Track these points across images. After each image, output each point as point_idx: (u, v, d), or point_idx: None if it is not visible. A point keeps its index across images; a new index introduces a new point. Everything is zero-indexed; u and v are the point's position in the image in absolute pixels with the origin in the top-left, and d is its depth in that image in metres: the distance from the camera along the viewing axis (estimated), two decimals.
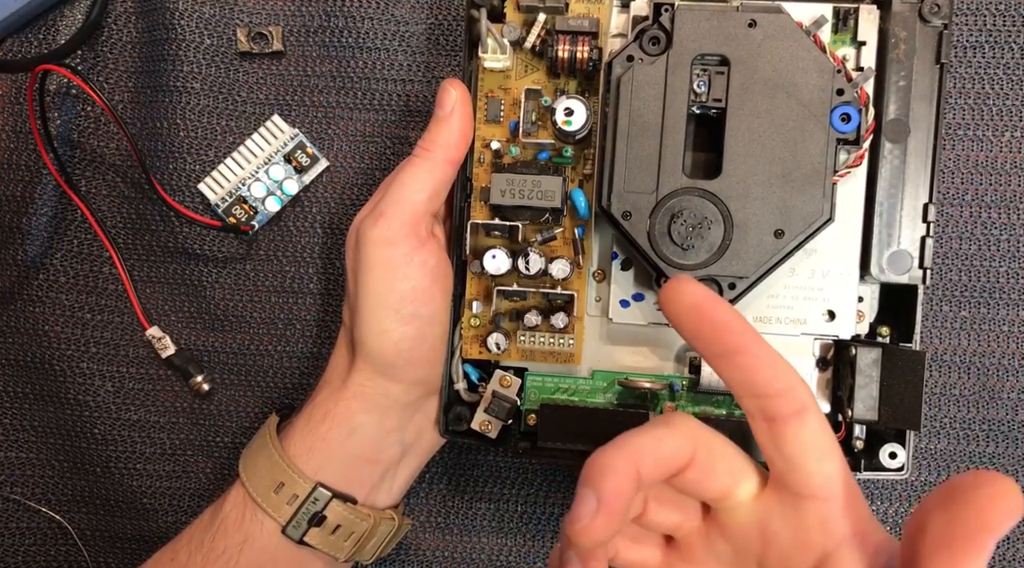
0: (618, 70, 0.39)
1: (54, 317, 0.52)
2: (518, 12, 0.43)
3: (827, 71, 0.38)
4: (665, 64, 0.39)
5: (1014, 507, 0.27)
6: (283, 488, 0.42)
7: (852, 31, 0.42)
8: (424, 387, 0.44)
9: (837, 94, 0.38)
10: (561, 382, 0.44)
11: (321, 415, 0.43)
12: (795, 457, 0.31)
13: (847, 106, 0.38)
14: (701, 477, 0.32)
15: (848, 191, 0.42)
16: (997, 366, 0.48)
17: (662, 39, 0.39)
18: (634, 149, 0.39)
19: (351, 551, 0.43)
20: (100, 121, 0.51)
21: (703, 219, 0.39)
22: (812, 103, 0.38)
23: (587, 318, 0.44)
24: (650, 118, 0.39)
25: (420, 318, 0.42)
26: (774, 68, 0.38)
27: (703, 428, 0.33)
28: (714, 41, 0.39)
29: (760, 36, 0.38)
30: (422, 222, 0.42)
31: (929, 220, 0.41)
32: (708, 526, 0.35)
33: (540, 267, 0.42)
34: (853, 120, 0.38)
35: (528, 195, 0.41)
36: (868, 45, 0.42)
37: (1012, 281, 0.48)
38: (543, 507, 0.50)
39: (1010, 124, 0.48)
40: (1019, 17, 0.47)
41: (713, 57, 0.39)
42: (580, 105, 0.41)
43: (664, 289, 0.32)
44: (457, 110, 0.42)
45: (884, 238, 0.42)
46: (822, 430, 0.32)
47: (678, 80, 0.39)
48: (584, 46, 0.41)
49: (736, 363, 0.31)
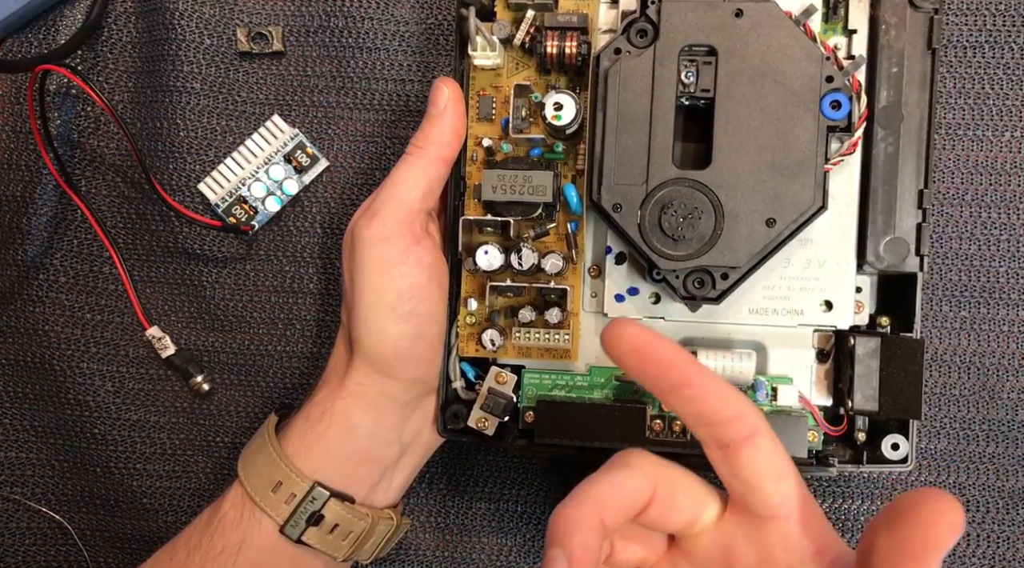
0: (606, 63, 0.39)
1: (54, 317, 0.52)
2: (507, 10, 0.43)
3: (815, 58, 0.38)
4: (652, 56, 0.39)
5: (956, 523, 0.28)
6: (281, 487, 0.42)
7: (843, 20, 0.42)
8: (422, 385, 0.44)
9: (826, 81, 0.38)
10: (558, 378, 0.44)
11: (319, 414, 0.43)
12: (751, 480, 0.32)
13: (837, 93, 0.38)
14: (664, 512, 0.33)
15: (843, 180, 0.42)
16: (997, 366, 0.48)
17: (649, 31, 0.39)
18: (623, 141, 0.39)
19: (349, 550, 0.43)
20: (100, 121, 0.51)
21: (693, 209, 0.39)
22: (801, 91, 0.38)
23: (583, 314, 0.44)
24: (639, 110, 0.39)
25: (417, 316, 0.42)
26: (762, 57, 0.38)
27: (661, 464, 0.34)
28: (701, 31, 0.38)
29: (747, 25, 0.38)
30: (417, 220, 0.42)
31: (924, 206, 0.41)
32: (673, 554, 0.35)
33: (533, 262, 0.42)
34: (844, 107, 0.38)
35: (519, 190, 0.41)
36: (859, 33, 0.41)
37: (1012, 281, 0.48)
38: (542, 507, 0.50)
39: (1010, 124, 0.48)
40: (1019, 17, 0.47)
41: (700, 48, 0.39)
42: (569, 99, 0.41)
43: (605, 333, 0.32)
44: (450, 108, 0.42)
45: (880, 226, 0.41)
46: (775, 451, 0.32)
47: (666, 71, 0.39)
48: (572, 41, 0.41)
49: (684, 396, 0.32)
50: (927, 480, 0.49)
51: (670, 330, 0.43)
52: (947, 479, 0.48)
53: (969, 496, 0.48)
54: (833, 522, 0.49)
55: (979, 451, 0.48)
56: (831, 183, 0.41)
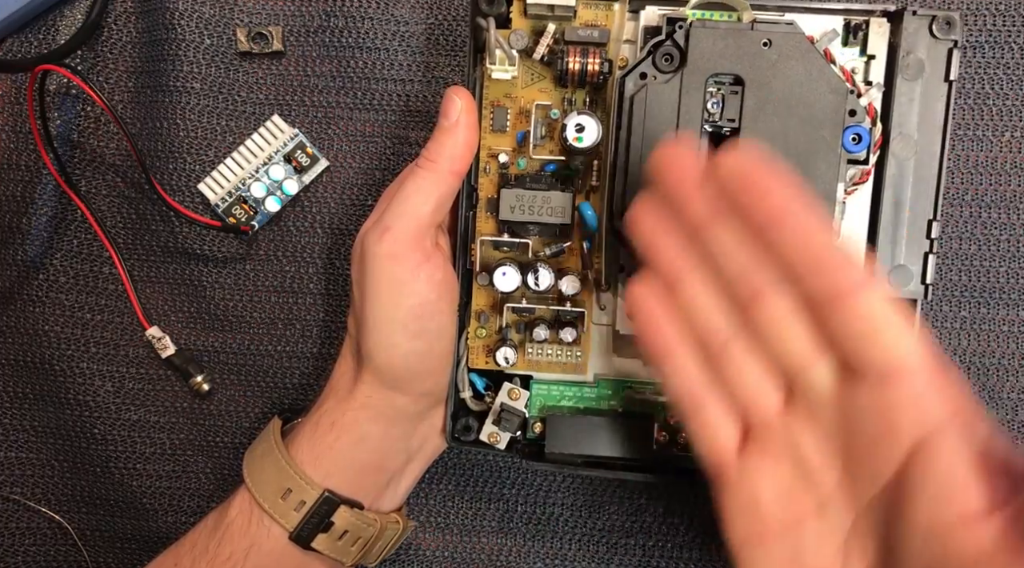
0: (631, 87, 0.39)
1: (54, 317, 0.52)
2: (524, 18, 0.42)
3: (841, 92, 0.38)
4: (679, 83, 0.38)
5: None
6: (290, 495, 0.41)
7: (862, 44, 0.41)
8: (430, 398, 0.44)
9: (849, 115, 0.38)
10: (566, 390, 0.44)
11: (328, 424, 0.43)
12: (869, 331, 0.28)
13: (858, 127, 0.38)
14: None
15: (853, 205, 0.42)
16: (997, 366, 0.48)
17: (675, 56, 0.38)
18: (646, 168, 0.39)
19: (357, 555, 0.43)
20: (100, 121, 0.51)
21: None
22: (825, 124, 0.38)
23: (592, 327, 0.44)
24: (662, 137, 0.38)
25: (428, 332, 0.42)
26: (788, 88, 0.38)
27: None
28: (729, 60, 0.38)
29: (775, 56, 0.38)
30: (427, 235, 0.41)
31: (933, 237, 0.41)
32: (788, 415, 0.32)
33: (549, 283, 0.42)
34: (864, 141, 0.38)
35: (538, 211, 0.41)
36: (877, 58, 0.41)
37: (1012, 281, 0.48)
38: (544, 507, 0.50)
39: (1010, 124, 0.48)
40: (1019, 17, 0.47)
41: (727, 76, 0.38)
42: (592, 121, 0.40)
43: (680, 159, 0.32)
44: (462, 120, 0.41)
45: (887, 253, 0.41)
46: (892, 303, 0.28)
47: (692, 100, 0.38)
48: (595, 58, 0.40)
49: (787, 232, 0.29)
50: None
51: None
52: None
53: None
54: None
55: None
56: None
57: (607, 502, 0.50)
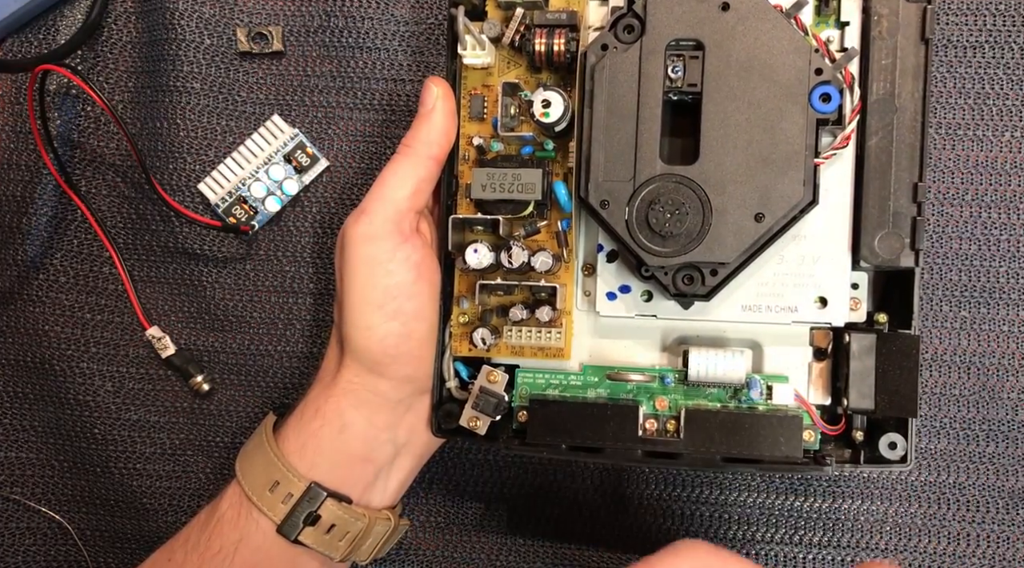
0: (592, 59, 0.39)
1: (54, 317, 0.52)
2: (498, 9, 0.43)
3: (803, 51, 0.38)
4: (639, 51, 0.39)
5: None
6: (278, 487, 0.42)
7: (835, 12, 0.41)
8: (413, 384, 0.44)
9: (815, 74, 0.38)
10: (552, 378, 0.44)
11: (312, 412, 0.43)
12: None
13: (827, 86, 0.38)
14: None
15: (836, 174, 0.41)
16: (997, 366, 0.48)
17: (636, 26, 0.39)
18: (611, 138, 0.39)
19: (346, 551, 0.43)
20: (100, 121, 0.51)
21: (680, 205, 0.38)
22: (789, 84, 0.38)
23: (576, 313, 0.43)
24: (626, 106, 0.39)
25: (405, 314, 0.42)
26: (749, 50, 0.38)
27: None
28: (687, 26, 0.38)
29: (734, 19, 0.38)
30: (405, 218, 0.42)
31: (920, 200, 0.40)
32: None
33: (523, 260, 0.41)
34: (834, 100, 0.38)
35: (508, 188, 0.41)
36: (851, 25, 0.41)
37: (1012, 281, 0.48)
38: (542, 507, 0.50)
39: (1010, 124, 0.48)
40: (1019, 17, 0.47)
41: (688, 42, 0.39)
42: (557, 96, 0.41)
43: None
44: (439, 107, 0.42)
45: (874, 221, 0.41)
46: None
47: (652, 66, 0.38)
48: (561, 39, 0.41)
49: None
50: (927, 480, 0.49)
51: (663, 328, 0.43)
52: (947, 479, 0.48)
53: (969, 496, 0.48)
54: (831, 522, 0.49)
55: (979, 451, 0.48)
56: (824, 178, 0.40)
57: (607, 503, 0.50)
